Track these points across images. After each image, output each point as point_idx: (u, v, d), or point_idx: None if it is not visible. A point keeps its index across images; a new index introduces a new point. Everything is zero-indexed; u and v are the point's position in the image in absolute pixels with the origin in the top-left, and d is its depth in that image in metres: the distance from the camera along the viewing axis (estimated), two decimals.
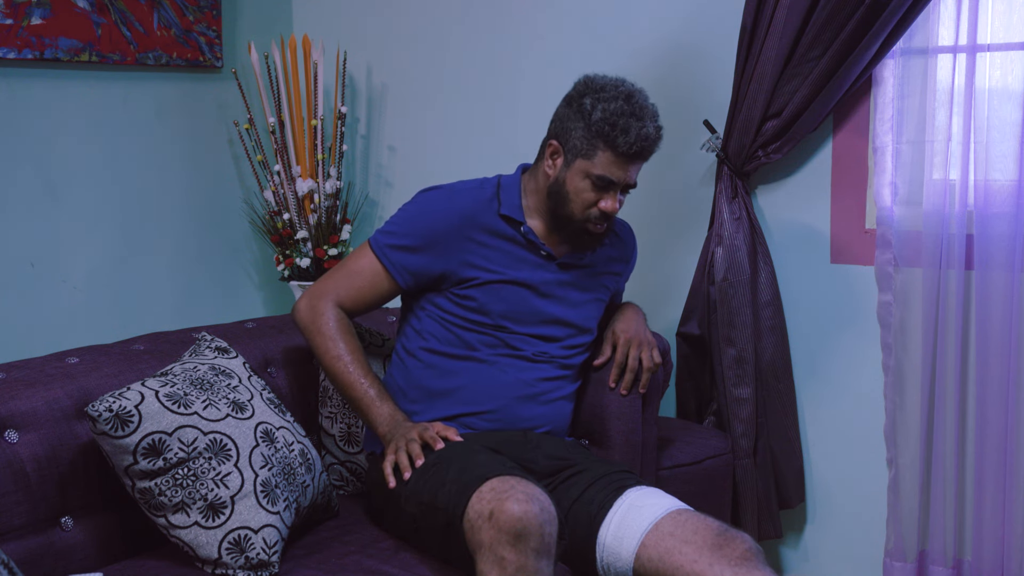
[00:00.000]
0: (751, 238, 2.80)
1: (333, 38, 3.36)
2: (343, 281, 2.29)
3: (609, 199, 2.22)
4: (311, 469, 2.15)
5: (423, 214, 2.28)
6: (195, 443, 1.96)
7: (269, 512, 1.98)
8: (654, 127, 2.20)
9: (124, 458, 1.93)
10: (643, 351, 2.37)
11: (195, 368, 2.10)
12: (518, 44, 3.15)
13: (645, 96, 2.23)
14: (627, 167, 2.21)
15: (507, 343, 2.27)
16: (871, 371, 2.77)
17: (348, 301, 2.29)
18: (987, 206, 2.55)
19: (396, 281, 2.28)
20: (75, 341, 2.37)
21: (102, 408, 1.90)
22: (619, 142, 2.17)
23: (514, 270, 2.28)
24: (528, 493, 1.82)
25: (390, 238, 2.28)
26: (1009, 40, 2.53)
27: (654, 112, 2.22)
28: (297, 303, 2.31)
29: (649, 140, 2.20)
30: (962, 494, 2.65)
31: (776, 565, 2.97)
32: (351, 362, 2.23)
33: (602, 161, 2.19)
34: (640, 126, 2.17)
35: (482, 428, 2.25)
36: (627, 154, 2.18)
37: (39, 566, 1.91)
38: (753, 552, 1.91)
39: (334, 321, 2.25)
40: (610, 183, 2.21)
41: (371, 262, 2.29)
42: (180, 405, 1.98)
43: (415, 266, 2.27)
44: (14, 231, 2.76)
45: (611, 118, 2.17)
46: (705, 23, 2.89)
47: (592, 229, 2.26)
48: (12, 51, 2.69)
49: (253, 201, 3.37)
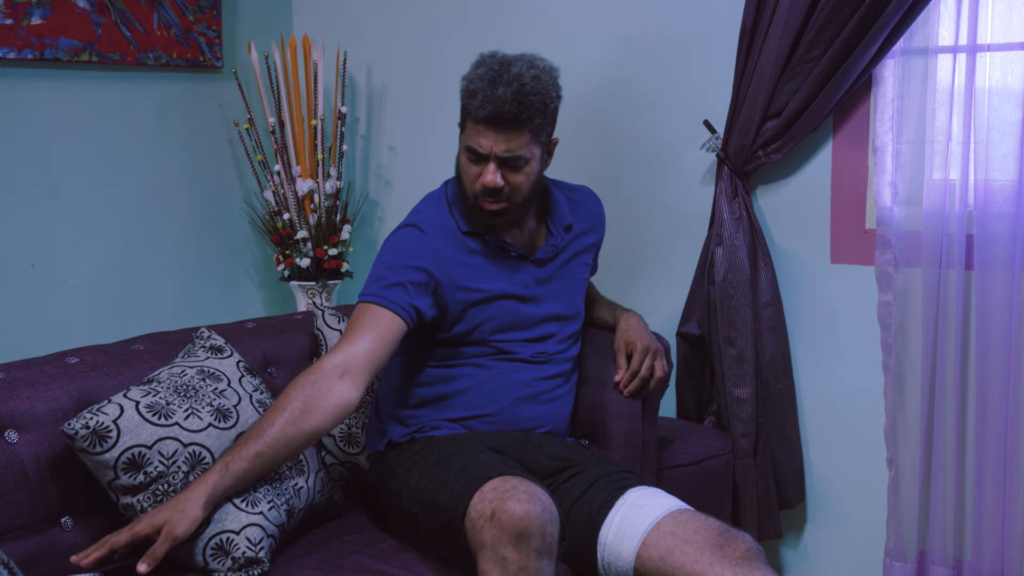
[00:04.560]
0: (751, 238, 2.80)
1: (333, 38, 3.36)
2: (347, 347, 2.07)
3: (488, 172, 2.15)
4: (303, 471, 2.13)
5: (404, 252, 2.20)
6: (175, 456, 1.95)
7: (250, 513, 1.96)
8: (511, 91, 2.08)
9: (105, 473, 1.93)
10: (657, 360, 2.37)
11: (182, 373, 2.07)
12: (518, 44, 3.13)
13: (529, 65, 2.13)
14: (488, 134, 2.12)
15: (503, 351, 2.27)
16: (871, 371, 2.77)
17: (358, 369, 2.05)
18: (987, 206, 2.55)
19: (403, 320, 2.12)
20: (75, 341, 2.37)
21: (78, 426, 1.89)
22: (472, 107, 2.13)
23: (493, 282, 2.25)
24: (530, 493, 1.82)
25: (378, 284, 2.15)
26: (1009, 40, 2.53)
27: (521, 77, 2.10)
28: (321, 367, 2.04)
29: (499, 103, 2.08)
30: (962, 494, 2.65)
31: (776, 565, 2.97)
32: (257, 431, 1.96)
33: (468, 131, 2.17)
34: (490, 90, 2.09)
35: (483, 430, 2.24)
36: (483, 120, 2.11)
37: (39, 566, 1.91)
38: (754, 552, 1.91)
39: (307, 400, 1.99)
40: (480, 154, 2.15)
41: (372, 315, 2.12)
42: (161, 416, 1.96)
43: (418, 300, 2.16)
44: (14, 231, 2.76)
45: (469, 86, 2.14)
46: (705, 23, 2.89)
47: (484, 206, 2.19)
48: (12, 51, 2.68)
49: (253, 201, 3.37)
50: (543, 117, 2.16)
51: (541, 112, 2.15)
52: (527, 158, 2.16)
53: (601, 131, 3.05)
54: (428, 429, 2.24)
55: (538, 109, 2.13)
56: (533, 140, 2.16)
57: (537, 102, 2.13)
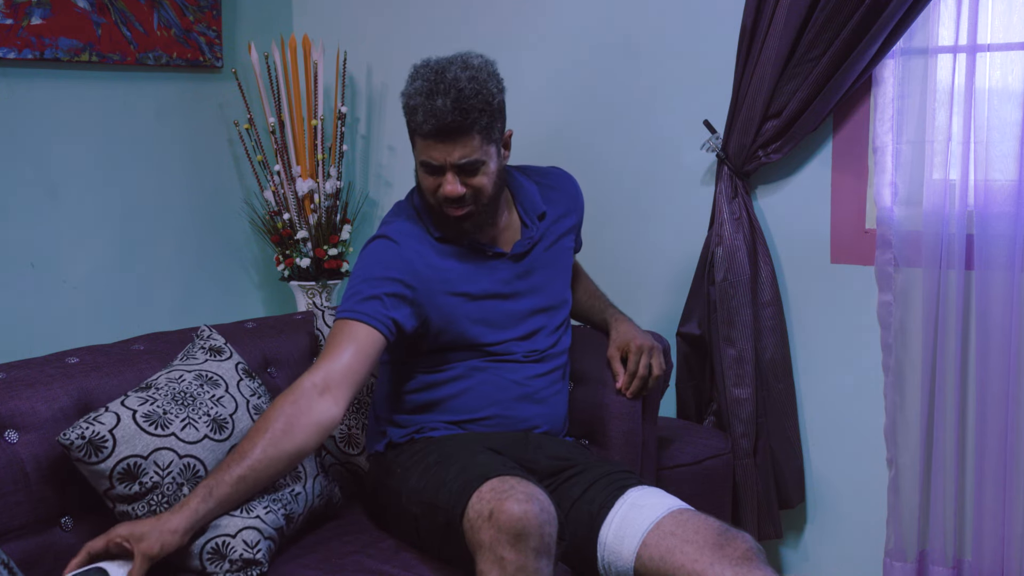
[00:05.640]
0: (751, 238, 2.80)
1: (333, 38, 3.36)
2: (326, 364, 2.05)
3: (447, 183, 2.13)
4: (300, 478, 2.12)
5: (378, 264, 2.18)
6: (170, 467, 1.94)
7: (245, 518, 1.96)
8: (450, 99, 2.04)
9: (101, 483, 1.92)
10: (653, 358, 2.37)
11: (180, 378, 2.07)
12: (518, 44, 3.15)
13: (463, 66, 2.09)
14: (439, 147, 2.10)
15: (492, 352, 2.26)
16: (871, 371, 2.77)
17: (338, 385, 2.03)
18: (987, 206, 2.55)
19: (381, 334, 2.10)
20: (75, 341, 2.37)
21: (73, 436, 1.89)
22: (416, 124, 2.11)
23: (472, 284, 2.23)
24: (528, 493, 1.82)
25: (354, 299, 2.13)
26: (1009, 40, 2.53)
27: (457, 83, 2.06)
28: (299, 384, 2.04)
29: (441, 114, 2.05)
30: (962, 494, 2.65)
31: (776, 565, 2.97)
32: (240, 454, 1.94)
33: (419, 147, 2.15)
34: (430, 103, 2.06)
35: (482, 432, 2.24)
36: (430, 135, 2.09)
37: (39, 566, 1.91)
38: (754, 552, 1.91)
39: (288, 420, 1.96)
40: (434, 167, 2.13)
41: (349, 331, 2.09)
42: (158, 426, 1.96)
43: (395, 312, 2.14)
44: (14, 231, 2.76)
45: (409, 102, 2.12)
46: (705, 23, 2.89)
47: (450, 214, 2.18)
48: (12, 51, 2.68)
49: (253, 201, 3.37)
50: (489, 116, 2.12)
51: (486, 112, 2.11)
52: (483, 160, 2.14)
53: (601, 131, 3.05)
54: (427, 430, 2.24)
55: (481, 110, 2.10)
56: (485, 140, 2.13)
57: (479, 103, 2.09)
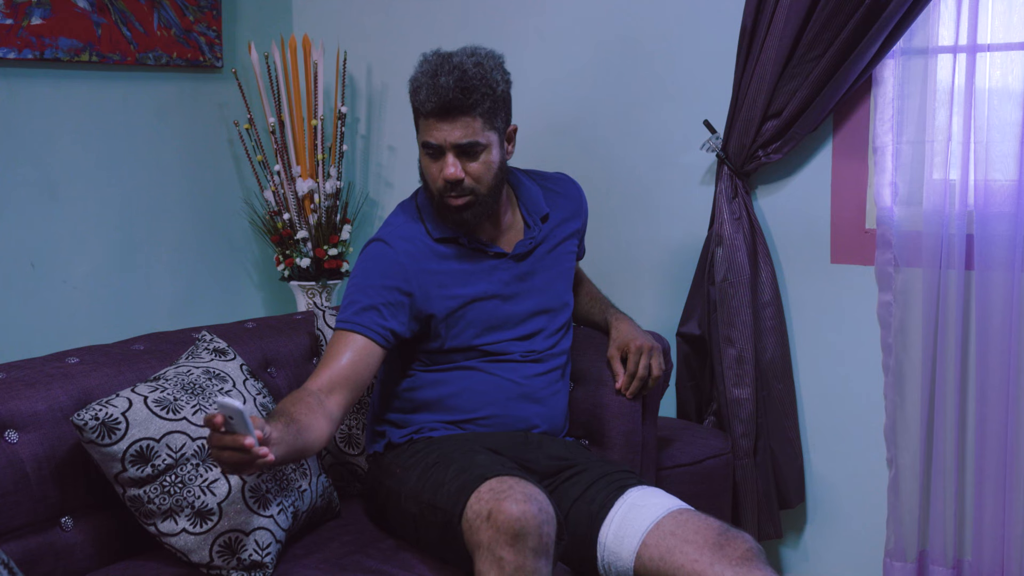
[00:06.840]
0: (751, 238, 2.80)
1: (333, 38, 3.36)
2: (326, 372, 2.08)
3: (447, 165, 2.14)
4: (306, 475, 2.14)
5: (374, 271, 2.19)
6: (183, 449, 1.96)
7: (260, 515, 1.97)
8: (453, 78, 2.09)
9: (113, 465, 1.93)
10: (653, 358, 2.36)
11: (188, 372, 2.09)
12: (518, 45, 3.14)
13: (470, 54, 2.14)
14: (440, 126, 2.12)
15: (491, 352, 2.26)
16: (871, 371, 2.77)
17: (340, 389, 2.07)
18: (987, 206, 2.55)
19: (378, 345, 2.12)
20: (75, 341, 2.37)
21: (87, 417, 1.90)
22: (419, 103, 2.15)
23: (470, 286, 2.23)
24: (526, 493, 1.82)
25: (351, 309, 2.15)
26: (1009, 40, 2.53)
27: (462, 65, 2.11)
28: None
29: (443, 91, 2.09)
30: (962, 494, 2.66)
31: (776, 565, 2.97)
32: (282, 409, 1.97)
33: (421, 128, 2.18)
34: (433, 82, 2.10)
35: (481, 432, 2.24)
36: (432, 113, 2.12)
37: (39, 566, 1.91)
38: (754, 552, 1.91)
39: (307, 407, 1.99)
40: (435, 148, 2.16)
41: (347, 342, 2.11)
42: (169, 411, 1.97)
43: (392, 321, 2.15)
44: (14, 231, 2.76)
45: (413, 84, 2.16)
46: (705, 23, 2.89)
47: (450, 202, 2.19)
48: (12, 51, 2.68)
49: (253, 201, 3.37)
50: (492, 101, 2.14)
51: (489, 96, 2.13)
52: (484, 144, 2.15)
53: (602, 131, 3.05)
54: (426, 430, 2.24)
55: (484, 93, 2.12)
56: (487, 125, 2.15)
57: (481, 86, 2.12)
